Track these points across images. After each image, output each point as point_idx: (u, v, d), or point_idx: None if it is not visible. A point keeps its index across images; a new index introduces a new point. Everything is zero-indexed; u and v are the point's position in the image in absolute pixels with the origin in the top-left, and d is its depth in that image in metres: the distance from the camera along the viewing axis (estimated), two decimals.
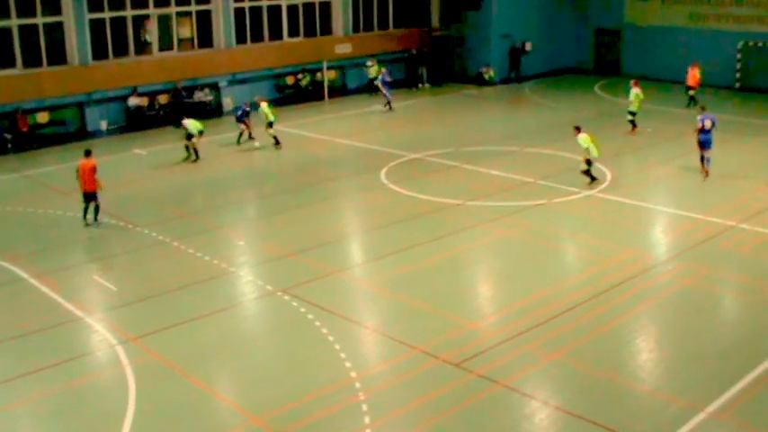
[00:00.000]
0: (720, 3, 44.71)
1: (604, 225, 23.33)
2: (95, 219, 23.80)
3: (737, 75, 43.19)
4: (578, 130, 26.73)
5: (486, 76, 46.41)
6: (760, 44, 43.17)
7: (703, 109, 28.52)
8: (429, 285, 19.30)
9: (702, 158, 27.65)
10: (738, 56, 43.71)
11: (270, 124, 32.07)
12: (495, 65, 46.83)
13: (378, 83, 40.61)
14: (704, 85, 39.33)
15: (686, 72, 39.00)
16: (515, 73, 47.57)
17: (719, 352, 15.97)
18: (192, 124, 30.14)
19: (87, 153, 24.07)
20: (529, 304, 17.99)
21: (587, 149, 26.26)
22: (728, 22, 44.46)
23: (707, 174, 27.51)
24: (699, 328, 17.03)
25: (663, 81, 43.97)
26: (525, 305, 17.96)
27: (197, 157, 30.28)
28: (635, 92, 33.90)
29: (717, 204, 24.60)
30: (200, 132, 30.19)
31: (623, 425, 13.46)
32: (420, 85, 45.68)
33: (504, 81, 46.85)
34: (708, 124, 27.28)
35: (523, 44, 47.95)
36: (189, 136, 30.11)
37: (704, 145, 27.42)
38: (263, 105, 32.24)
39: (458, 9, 48.07)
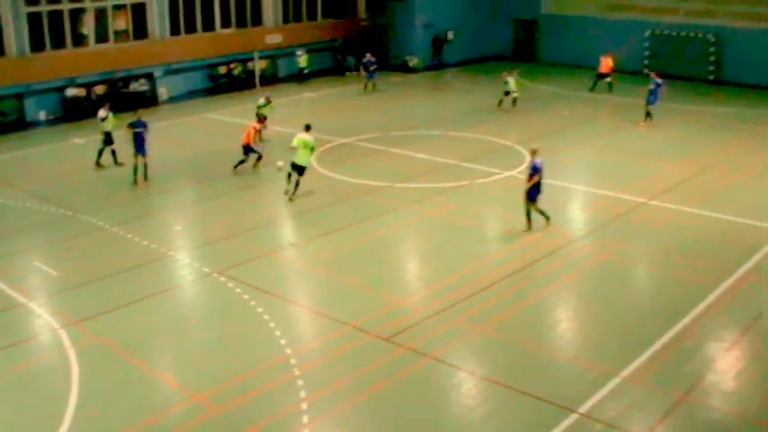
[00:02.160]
0: None
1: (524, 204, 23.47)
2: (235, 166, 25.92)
3: (646, 62, 43.85)
4: (308, 129, 23.60)
5: (411, 64, 46.40)
6: (666, 33, 43.96)
7: (656, 75, 33.21)
8: (360, 264, 19.30)
9: (649, 113, 32.77)
10: (646, 44, 44.44)
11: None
12: (420, 53, 46.87)
13: (361, 64, 41.40)
14: (616, 71, 39.87)
15: (599, 61, 39.79)
16: (438, 61, 47.69)
17: (633, 321, 16.29)
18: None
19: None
20: (455, 280, 18.09)
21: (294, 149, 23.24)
22: (637, 12, 45.16)
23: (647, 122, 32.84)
24: (614, 299, 17.34)
25: (577, 67, 44.51)
26: (451, 281, 18.06)
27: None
28: (511, 79, 35.80)
29: (629, 183, 25.01)
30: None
31: (546, 391, 13.64)
32: (347, 73, 45.53)
33: (428, 68, 46.91)
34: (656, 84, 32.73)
35: (446, 33, 48.05)
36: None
37: (654, 101, 32.80)
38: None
39: (384, 0, 48.05)
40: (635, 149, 29.19)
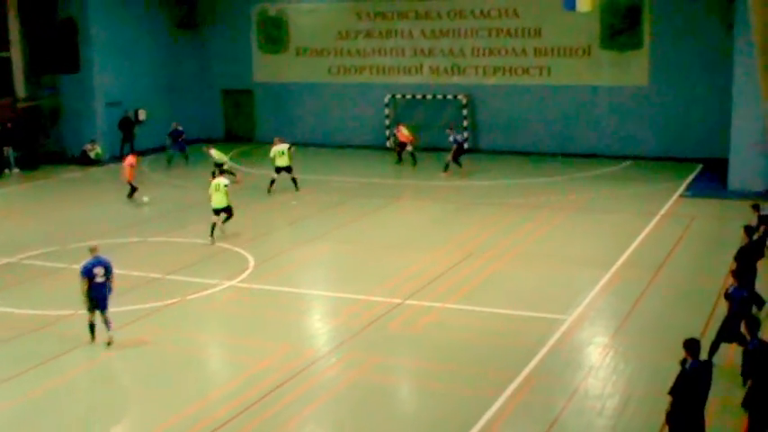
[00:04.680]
0: (362, 53, 47.29)
1: (252, 319, 23.42)
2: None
3: (387, 132, 45.59)
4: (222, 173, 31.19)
5: (93, 155, 45.66)
6: (409, 96, 45.99)
7: (452, 128, 40.61)
8: (40, 424, 18.12)
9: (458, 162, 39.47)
10: (387, 111, 46.24)
11: None
12: (104, 140, 46.25)
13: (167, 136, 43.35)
14: (354, 146, 41.25)
15: (391, 133, 43.68)
16: (129, 148, 47.27)
17: None
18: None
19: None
20: (170, 427, 17.49)
21: None
22: (374, 75, 47.08)
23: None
24: (378, 426, 17.40)
25: (307, 144, 45.58)
26: (166, 429, 17.48)
27: None
28: (213, 151, 39.46)
29: (381, 281, 25.57)
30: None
31: None
32: (7, 171, 43.96)
33: (117, 159, 46.33)
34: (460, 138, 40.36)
35: (137, 113, 47.90)
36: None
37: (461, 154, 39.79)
38: None
39: (50, 72, 47.13)
40: (385, 239, 30.04)
